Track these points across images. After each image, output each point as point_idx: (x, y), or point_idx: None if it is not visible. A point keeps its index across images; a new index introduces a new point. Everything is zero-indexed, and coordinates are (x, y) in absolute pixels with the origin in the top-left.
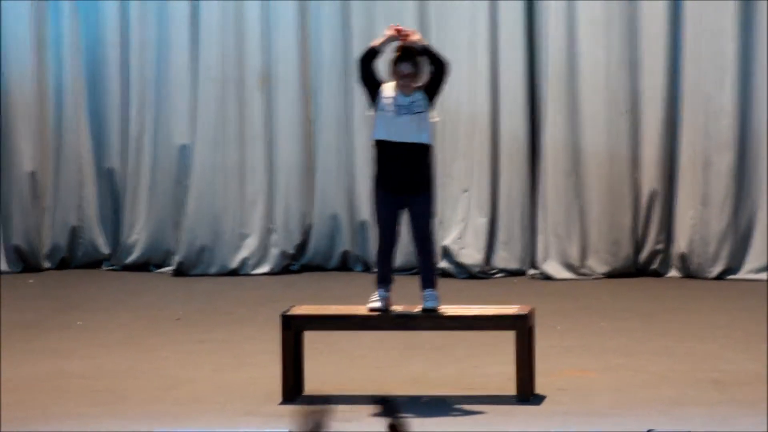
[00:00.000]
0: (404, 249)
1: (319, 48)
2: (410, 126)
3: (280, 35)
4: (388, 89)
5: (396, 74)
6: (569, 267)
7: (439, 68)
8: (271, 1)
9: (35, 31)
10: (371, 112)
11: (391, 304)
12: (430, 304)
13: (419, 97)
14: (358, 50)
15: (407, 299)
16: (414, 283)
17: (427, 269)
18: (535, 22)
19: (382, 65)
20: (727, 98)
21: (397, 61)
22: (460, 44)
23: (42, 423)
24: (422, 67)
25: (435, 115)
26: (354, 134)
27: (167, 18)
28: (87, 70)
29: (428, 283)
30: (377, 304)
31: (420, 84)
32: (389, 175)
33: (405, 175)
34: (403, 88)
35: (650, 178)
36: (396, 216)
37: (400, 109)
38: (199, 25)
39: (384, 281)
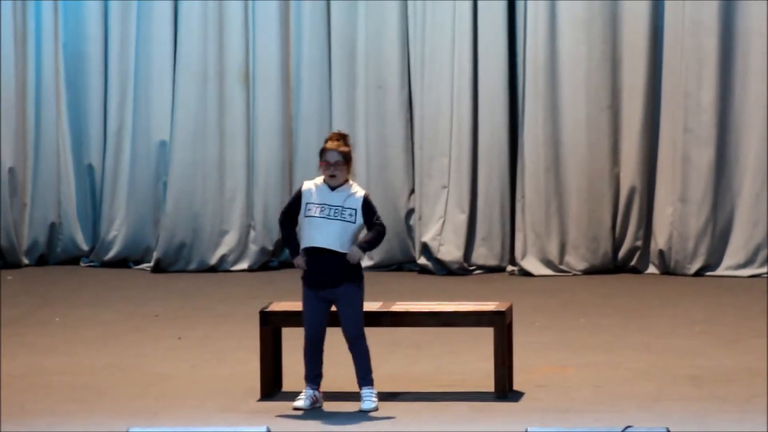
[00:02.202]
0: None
1: (300, 45)
2: (339, 234)
3: (262, 31)
4: (310, 187)
5: (322, 161)
6: (548, 264)
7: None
8: None
9: (16, 26)
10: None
11: (318, 401)
12: (366, 406)
13: (354, 203)
14: (339, 47)
15: (385, 296)
16: (393, 278)
17: (361, 368)
18: (516, 20)
19: None
20: (706, 94)
21: (324, 151)
22: (441, 42)
23: (20, 419)
24: (350, 155)
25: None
26: (333, 130)
27: (148, 14)
28: (67, 65)
29: (364, 381)
30: (300, 403)
31: (348, 175)
32: (313, 273)
33: (328, 275)
34: (330, 180)
35: (630, 174)
36: (322, 312)
37: (330, 211)
38: (179, 21)
39: (312, 379)
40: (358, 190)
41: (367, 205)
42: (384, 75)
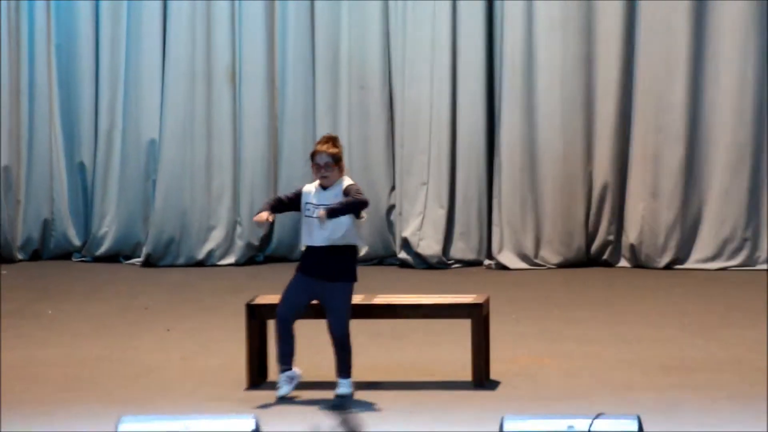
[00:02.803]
0: (370, 237)
1: (285, 46)
2: (333, 231)
3: (248, 32)
4: (309, 189)
5: (314, 167)
6: (524, 258)
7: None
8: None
9: (10, 27)
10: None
11: (295, 378)
12: (342, 391)
13: (340, 196)
14: (322, 48)
15: (366, 289)
16: (375, 272)
17: (342, 361)
18: (494, 22)
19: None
20: (677, 94)
21: (314, 154)
22: (421, 43)
23: (16, 409)
24: (339, 156)
25: (363, 216)
26: (317, 129)
27: (138, 14)
28: (59, 66)
29: (343, 373)
30: (282, 391)
31: (340, 174)
32: (309, 265)
33: (324, 268)
34: (323, 180)
35: (602, 172)
36: (302, 296)
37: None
38: (168, 22)
39: (284, 359)
40: (345, 184)
41: (347, 191)
42: (366, 76)
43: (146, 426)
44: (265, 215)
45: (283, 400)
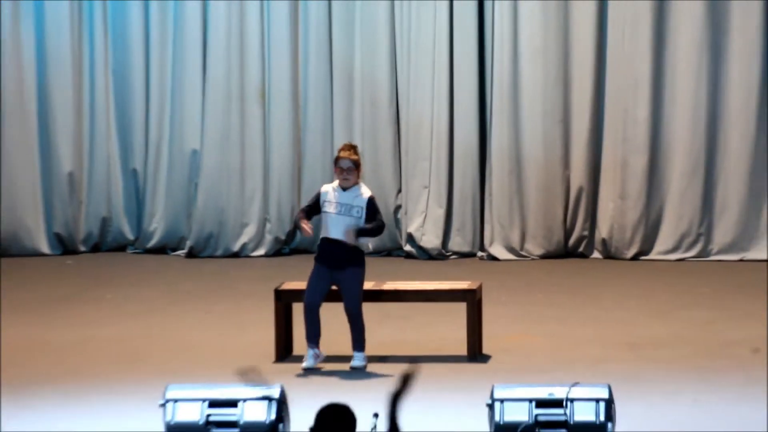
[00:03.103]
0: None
1: (307, 67)
2: (344, 225)
3: (275, 57)
4: (329, 189)
5: (336, 167)
6: (511, 250)
7: (377, 226)
8: (268, 28)
9: (74, 55)
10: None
11: (320, 356)
12: (357, 363)
13: (361, 202)
14: (339, 71)
15: (377, 277)
16: (384, 262)
17: (357, 337)
18: (485, 48)
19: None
20: (641, 111)
21: (338, 159)
22: (424, 66)
23: (78, 379)
24: (359, 162)
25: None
26: (335, 139)
27: (182, 42)
28: (115, 87)
29: (358, 346)
30: (306, 364)
31: (358, 178)
32: (327, 256)
33: (337, 257)
34: (343, 182)
35: (578, 176)
36: (324, 284)
37: (341, 208)
38: (208, 48)
39: (311, 339)
40: (365, 192)
41: (371, 205)
42: (376, 94)
43: (188, 393)
44: (307, 228)
45: (306, 371)
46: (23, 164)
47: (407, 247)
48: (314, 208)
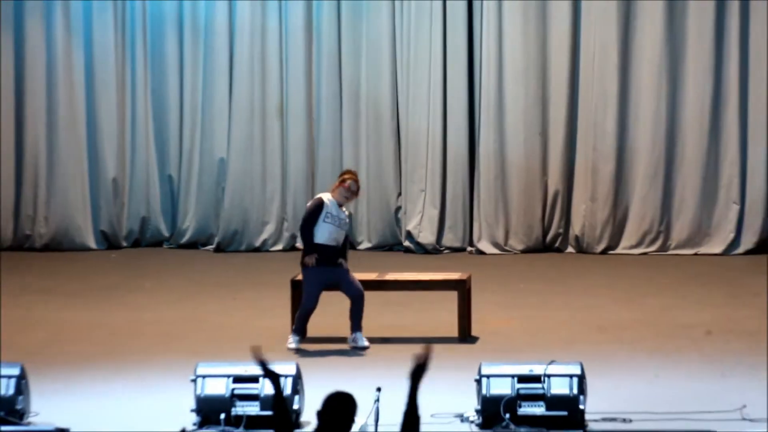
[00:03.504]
0: (375, 231)
1: (320, 87)
2: (337, 237)
3: (292, 77)
4: (327, 202)
5: (346, 187)
6: (496, 245)
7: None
8: (286, 53)
9: (117, 78)
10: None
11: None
12: (362, 343)
13: (348, 217)
14: (347, 89)
15: (379, 269)
16: (385, 256)
17: (358, 318)
18: (474, 70)
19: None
20: (609, 124)
21: (346, 180)
22: (421, 87)
23: (122, 357)
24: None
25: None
26: (344, 149)
27: (211, 66)
28: (153, 104)
29: (357, 328)
30: (293, 345)
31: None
32: (324, 259)
33: (332, 257)
34: (344, 200)
35: (554, 181)
36: (320, 290)
37: (337, 221)
38: (233, 71)
39: (299, 333)
40: (348, 209)
41: (350, 220)
42: (379, 110)
43: (216, 370)
44: (312, 261)
45: (303, 352)
46: (74, 171)
47: (406, 243)
48: (317, 215)
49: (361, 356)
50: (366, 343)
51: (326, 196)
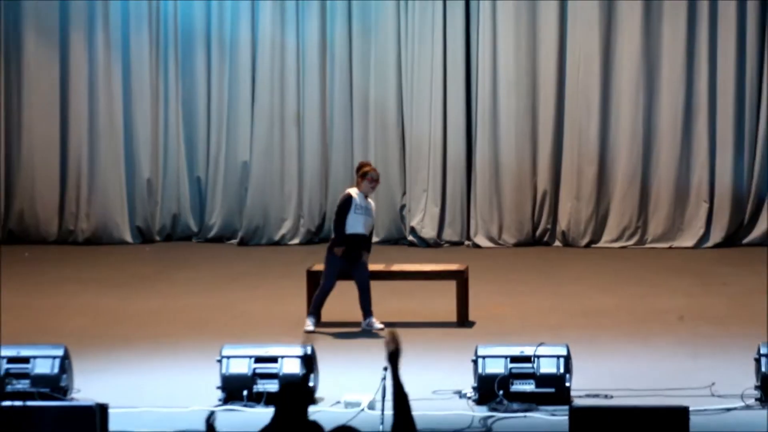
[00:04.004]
0: (382, 226)
1: (333, 96)
2: (367, 224)
3: (308, 90)
4: (355, 195)
5: (369, 179)
6: (491, 239)
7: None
8: (303, 66)
9: (152, 88)
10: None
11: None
12: (376, 326)
13: (372, 206)
14: (357, 99)
15: (386, 261)
16: (392, 249)
17: (368, 302)
18: (471, 82)
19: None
20: (592, 131)
21: (367, 173)
22: (423, 98)
23: (155, 340)
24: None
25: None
26: (354, 153)
27: (236, 78)
28: (184, 112)
29: (368, 313)
30: (310, 327)
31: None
32: (350, 249)
33: (354, 250)
34: (367, 191)
35: (543, 182)
36: (339, 274)
37: (366, 211)
38: (256, 83)
39: (314, 315)
40: (371, 199)
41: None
42: (386, 118)
43: (240, 351)
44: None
45: (318, 334)
46: (112, 173)
47: (410, 237)
48: (348, 208)
49: (369, 339)
50: (380, 325)
51: (353, 191)
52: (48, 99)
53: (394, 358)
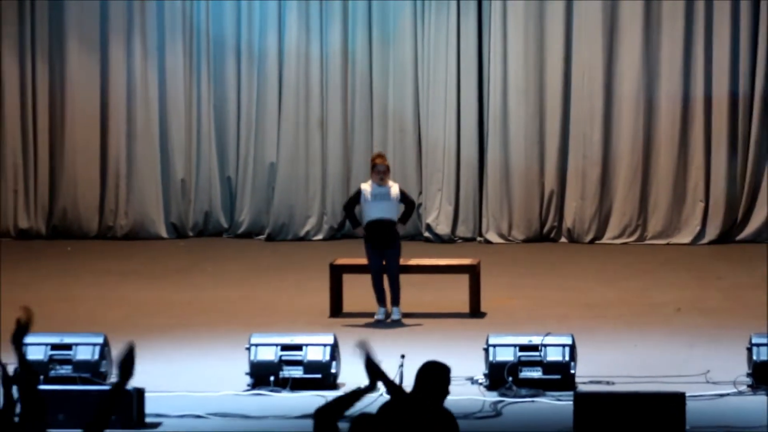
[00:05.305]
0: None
1: (354, 103)
2: (386, 208)
3: (331, 96)
4: (365, 187)
5: (375, 171)
6: (501, 236)
7: (410, 206)
8: (326, 75)
9: (186, 94)
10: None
11: (388, 315)
12: (396, 317)
13: (396, 192)
14: (377, 106)
15: (404, 255)
16: (409, 245)
17: (396, 295)
18: (483, 88)
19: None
20: (596, 135)
21: (375, 165)
22: (438, 104)
23: (188, 329)
24: (388, 166)
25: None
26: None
27: (264, 85)
28: (215, 117)
29: (396, 302)
30: (378, 317)
31: (389, 176)
32: (374, 237)
33: (382, 237)
34: (380, 181)
35: (550, 182)
36: (379, 258)
37: (377, 197)
38: (282, 90)
39: (380, 299)
40: (394, 185)
41: (403, 193)
42: (404, 123)
43: (267, 339)
44: (361, 231)
45: (339, 324)
46: (148, 173)
47: (426, 234)
48: (355, 200)
49: (389, 328)
50: (398, 317)
51: (366, 183)
52: (89, 105)
53: (372, 370)
